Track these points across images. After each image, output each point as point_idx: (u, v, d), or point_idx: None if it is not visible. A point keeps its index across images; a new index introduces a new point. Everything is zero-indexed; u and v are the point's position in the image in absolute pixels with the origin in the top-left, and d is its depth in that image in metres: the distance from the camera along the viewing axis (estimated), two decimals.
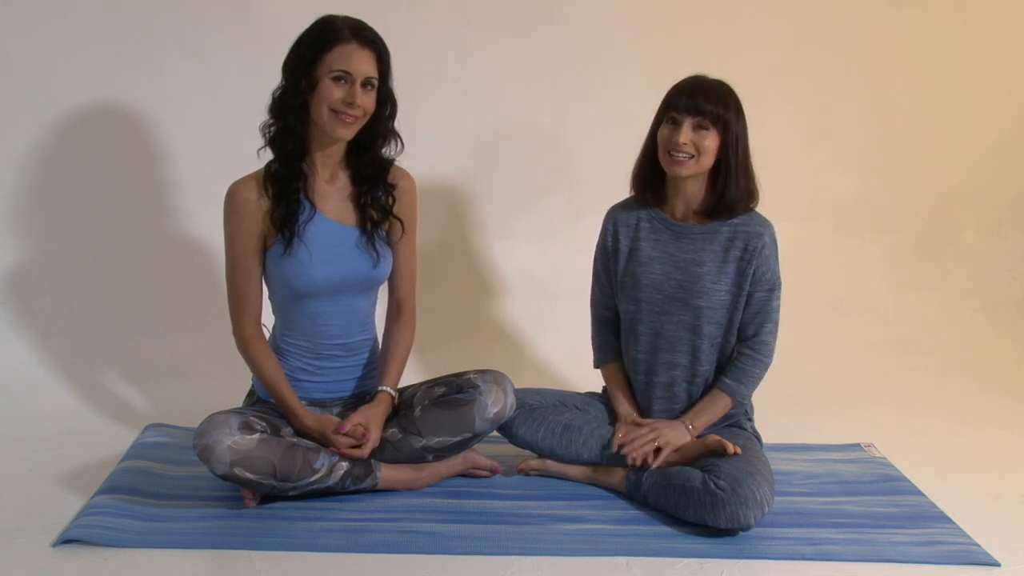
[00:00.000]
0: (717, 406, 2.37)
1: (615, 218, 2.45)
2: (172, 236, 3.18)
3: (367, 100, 2.14)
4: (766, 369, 2.36)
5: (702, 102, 2.22)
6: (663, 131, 2.28)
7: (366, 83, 2.13)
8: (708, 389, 2.38)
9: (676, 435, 2.32)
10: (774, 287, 2.33)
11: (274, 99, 2.18)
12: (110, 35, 3.08)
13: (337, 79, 2.11)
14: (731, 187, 2.27)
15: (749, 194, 2.31)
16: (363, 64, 2.12)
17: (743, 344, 2.35)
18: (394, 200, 2.29)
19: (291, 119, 2.15)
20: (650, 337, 2.38)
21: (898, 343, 3.59)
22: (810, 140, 3.68)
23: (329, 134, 2.16)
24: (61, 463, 2.44)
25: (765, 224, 2.32)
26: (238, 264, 2.21)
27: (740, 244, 2.30)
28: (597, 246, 2.49)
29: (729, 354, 2.37)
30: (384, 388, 2.30)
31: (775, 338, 2.36)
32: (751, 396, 2.39)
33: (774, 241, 2.32)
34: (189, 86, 3.14)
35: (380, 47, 2.16)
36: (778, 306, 2.35)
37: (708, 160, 2.26)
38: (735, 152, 2.26)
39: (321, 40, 2.11)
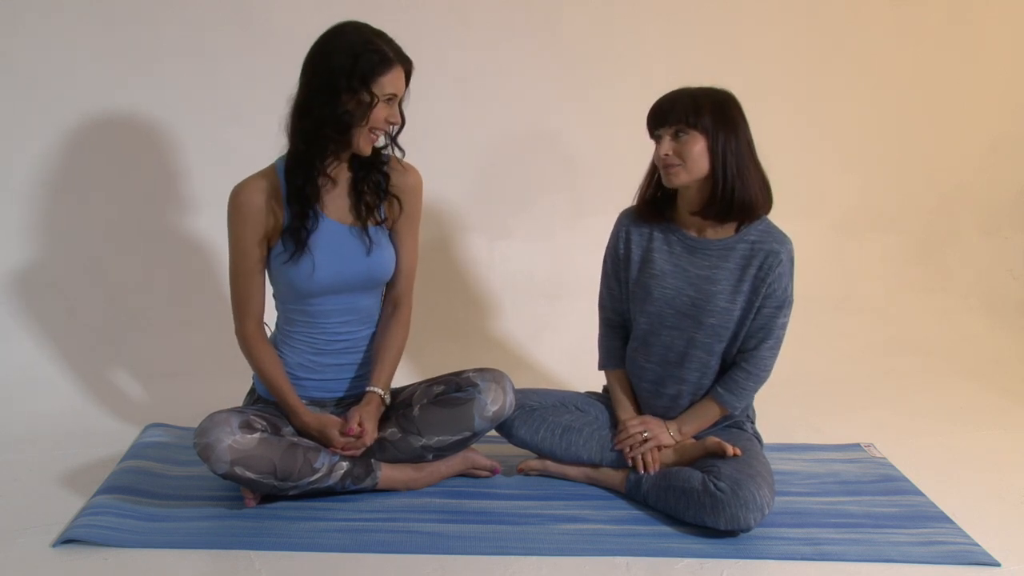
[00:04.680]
0: (707, 415, 2.36)
1: (628, 224, 2.41)
2: (172, 236, 3.18)
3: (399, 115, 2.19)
4: (760, 384, 2.34)
5: (668, 113, 2.21)
6: (655, 150, 2.28)
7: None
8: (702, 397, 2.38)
9: (662, 434, 2.34)
10: (783, 304, 2.29)
11: (302, 107, 2.12)
12: (113, 37, 3.08)
13: (388, 100, 2.13)
14: (726, 190, 2.21)
15: (753, 199, 2.23)
16: (402, 83, 2.15)
17: (741, 356, 2.32)
18: (388, 179, 2.28)
19: (328, 135, 2.12)
20: (661, 351, 2.36)
21: (898, 343, 3.59)
22: (810, 140, 3.68)
23: (356, 150, 2.17)
24: (61, 463, 2.44)
25: (783, 241, 2.27)
26: (241, 264, 2.21)
27: (757, 262, 2.26)
28: (607, 249, 2.46)
29: (730, 363, 2.36)
30: (373, 389, 2.29)
31: (775, 356, 2.32)
32: (741, 408, 2.38)
33: (791, 259, 2.27)
34: (190, 86, 3.14)
35: (411, 64, 2.18)
36: (784, 324, 2.31)
37: (698, 166, 2.21)
38: (722, 156, 2.20)
39: (375, 64, 2.09)
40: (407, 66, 2.16)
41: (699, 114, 2.20)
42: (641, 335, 2.39)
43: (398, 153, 2.27)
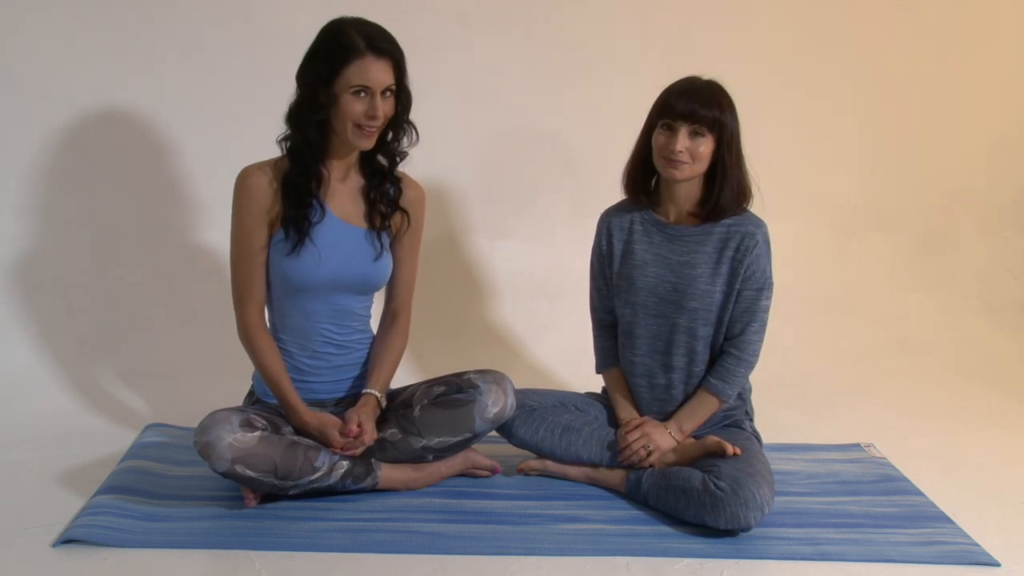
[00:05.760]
0: (704, 408, 2.37)
1: (608, 221, 2.45)
2: (172, 236, 3.18)
3: (387, 107, 2.15)
4: (751, 368, 2.36)
5: (699, 108, 2.21)
6: (658, 137, 2.27)
7: (384, 91, 2.13)
8: (695, 390, 2.38)
9: (663, 440, 2.34)
10: (763, 287, 2.32)
11: (291, 111, 2.17)
12: (113, 36, 3.08)
13: (356, 93, 2.10)
14: (727, 188, 2.27)
15: (743, 193, 2.31)
16: (381, 75, 2.11)
17: (728, 343, 2.35)
18: (400, 192, 2.30)
19: (310, 132, 2.14)
20: (647, 340, 2.38)
21: (898, 343, 3.59)
22: (810, 140, 3.68)
23: (352, 146, 2.17)
24: (61, 463, 2.44)
25: (758, 224, 2.32)
26: (245, 249, 2.20)
27: (733, 244, 2.30)
28: (592, 250, 2.50)
29: (718, 352, 2.37)
30: (370, 391, 2.29)
31: (761, 338, 2.35)
32: (735, 395, 2.38)
33: (767, 241, 2.32)
34: (190, 86, 3.14)
35: (395, 53, 2.13)
36: (767, 306, 2.34)
37: (702, 165, 2.26)
38: (730, 153, 2.25)
39: (337, 55, 2.09)
40: (387, 56, 2.11)
41: (722, 119, 2.22)
42: (626, 327, 2.41)
43: (412, 140, 2.26)
